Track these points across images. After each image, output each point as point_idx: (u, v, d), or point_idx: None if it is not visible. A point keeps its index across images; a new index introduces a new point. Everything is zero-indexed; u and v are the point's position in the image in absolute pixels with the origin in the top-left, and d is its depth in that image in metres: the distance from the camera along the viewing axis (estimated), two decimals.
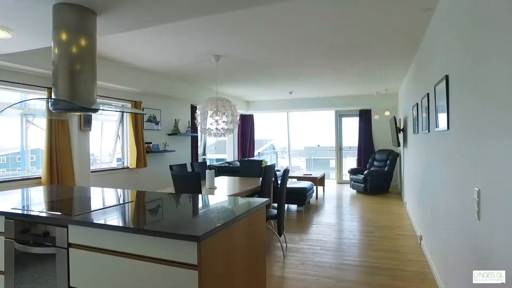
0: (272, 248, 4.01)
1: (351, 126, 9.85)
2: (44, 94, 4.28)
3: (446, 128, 2.48)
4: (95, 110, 2.40)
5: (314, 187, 6.97)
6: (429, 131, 3.36)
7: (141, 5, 2.28)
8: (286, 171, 3.84)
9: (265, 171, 4.08)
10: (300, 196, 5.93)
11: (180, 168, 4.66)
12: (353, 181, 8.16)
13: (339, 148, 9.87)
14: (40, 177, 4.23)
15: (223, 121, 4.61)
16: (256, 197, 4.64)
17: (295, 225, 5.10)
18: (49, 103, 2.28)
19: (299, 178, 7.37)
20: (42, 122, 4.40)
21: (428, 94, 3.31)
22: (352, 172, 8.40)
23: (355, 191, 8.21)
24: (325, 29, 3.52)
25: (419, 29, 3.52)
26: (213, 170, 4.21)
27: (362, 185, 7.75)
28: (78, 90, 2.26)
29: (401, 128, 6.76)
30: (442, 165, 2.77)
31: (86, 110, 2.34)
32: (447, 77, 2.46)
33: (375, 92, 8.31)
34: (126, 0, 2.20)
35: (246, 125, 10.16)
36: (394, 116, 7.14)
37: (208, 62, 4.79)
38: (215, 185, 4.29)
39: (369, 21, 3.30)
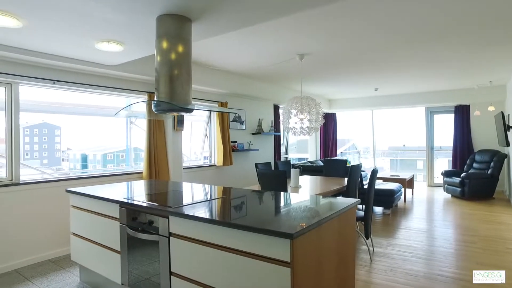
0: (358, 251, 3.85)
1: (444, 124, 8.93)
2: (144, 97, 4.77)
3: None
4: (191, 110, 2.59)
5: (402, 189, 6.50)
6: None
7: (231, 9, 2.39)
8: (374, 172, 3.65)
9: (351, 171, 3.93)
10: (387, 198, 5.58)
11: (265, 167, 4.76)
12: (447, 184, 7.38)
13: (430, 148, 9.03)
14: (141, 172, 4.74)
15: (308, 120, 4.58)
16: (341, 197, 4.51)
17: (382, 229, 4.81)
18: (153, 105, 2.54)
19: (386, 179, 6.94)
20: (141, 123, 4.93)
21: None
22: (446, 174, 7.60)
23: (449, 195, 7.41)
24: (422, 17, 3.23)
25: None
26: (298, 169, 4.20)
27: (459, 189, 6.95)
28: (176, 92, 2.47)
29: (511, 125, 5.88)
30: None
31: (184, 110, 2.54)
32: None
33: (475, 85, 7.38)
34: (218, 6, 2.32)
35: (328, 124, 9.96)
36: (502, 112, 6.23)
37: (292, 61, 4.80)
38: (300, 184, 4.28)
39: (478, 3, 2.93)
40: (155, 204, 2.30)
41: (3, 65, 3.44)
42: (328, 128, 10.00)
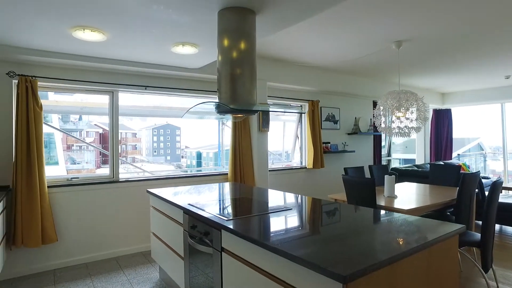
0: (473, 285, 3.04)
1: None
2: None
3: None
4: (254, 112, 2.36)
5: None
6: None
7: None
8: (497, 184, 2.78)
9: (463, 180, 3.14)
10: None
11: (355, 172, 4.23)
12: None
13: None
14: (227, 174, 4.74)
15: (407, 118, 3.88)
16: (449, 212, 3.68)
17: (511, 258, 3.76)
18: (214, 107, 2.39)
19: None
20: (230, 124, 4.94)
21: None
22: None
23: None
24: None
25: None
26: (393, 176, 3.57)
27: None
28: (238, 92, 2.27)
29: None
30: None
31: (244, 111, 2.33)
32: None
33: None
34: None
35: (441, 122, 8.55)
36: None
37: (388, 51, 4.14)
38: (396, 193, 3.65)
39: None
40: (210, 213, 2.14)
41: (106, 76, 3.84)
42: (440, 126, 8.57)
